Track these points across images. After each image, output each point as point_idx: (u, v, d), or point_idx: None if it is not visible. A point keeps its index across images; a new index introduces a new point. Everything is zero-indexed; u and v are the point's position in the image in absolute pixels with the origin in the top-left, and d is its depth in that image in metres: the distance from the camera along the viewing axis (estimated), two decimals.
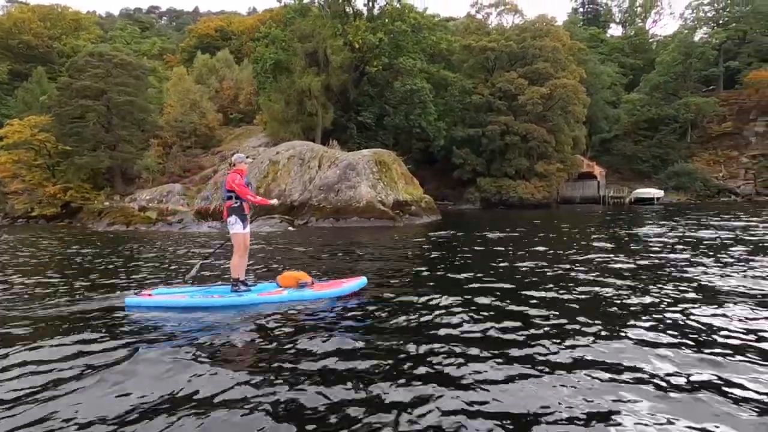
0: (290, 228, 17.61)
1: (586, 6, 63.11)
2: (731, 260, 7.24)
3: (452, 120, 34.44)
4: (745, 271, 6.26)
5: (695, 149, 45.51)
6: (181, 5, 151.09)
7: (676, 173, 41.80)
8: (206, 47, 54.26)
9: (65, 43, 45.01)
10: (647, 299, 4.82)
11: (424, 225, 18.63)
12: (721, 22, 51.75)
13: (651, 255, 8.13)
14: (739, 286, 5.36)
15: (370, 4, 32.21)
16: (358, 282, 5.38)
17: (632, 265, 6.98)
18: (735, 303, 4.56)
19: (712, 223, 15.17)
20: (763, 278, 5.72)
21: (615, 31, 63.35)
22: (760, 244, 9.19)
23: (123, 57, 31.52)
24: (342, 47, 28.68)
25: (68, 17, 51.35)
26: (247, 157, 5.53)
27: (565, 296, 5.03)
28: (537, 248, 9.62)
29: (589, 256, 8.08)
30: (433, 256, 9.16)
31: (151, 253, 10.74)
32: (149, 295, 5.02)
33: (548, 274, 6.53)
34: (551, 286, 5.54)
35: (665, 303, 4.63)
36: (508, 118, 32.97)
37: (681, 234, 11.82)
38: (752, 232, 11.57)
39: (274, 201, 5.78)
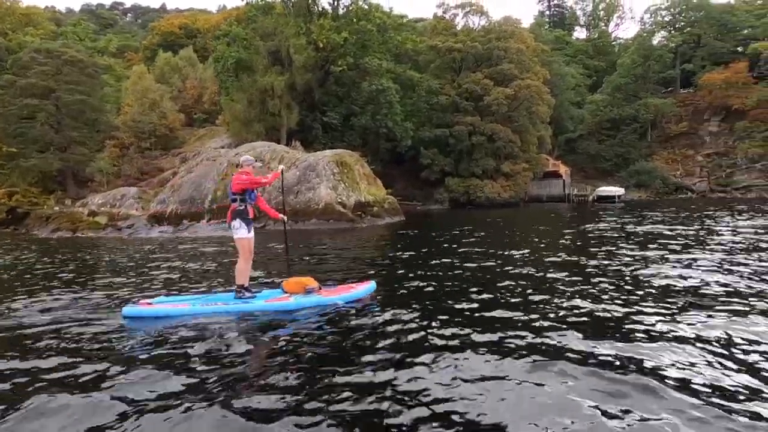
0: None
1: (552, 9, 64.60)
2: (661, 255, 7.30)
3: (419, 120, 34.38)
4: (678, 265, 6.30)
5: (655, 148, 47.18)
6: (147, 1, 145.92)
7: (637, 171, 43.18)
8: (170, 45, 52.45)
9: (11, 38, 42.48)
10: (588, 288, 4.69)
11: (386, 226, 18.39)
12: (677, 26, 53.95)
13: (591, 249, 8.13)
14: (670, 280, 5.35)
15: (335, 3, 31.78)
16: (368, 287, 5.20)
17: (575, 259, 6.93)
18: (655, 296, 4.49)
19: (661, 217, 15.57)
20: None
21: (580, 33, 65.07)
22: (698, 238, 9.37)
23: (73, 54, 29.93)
24: (305, 46, 28.13)
25: (18, 12, 48.56)
26: (256, 161, 5.34)
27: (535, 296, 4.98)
28: (484, 248, 9.50)
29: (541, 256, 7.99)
30: (386, 259, 8.88)
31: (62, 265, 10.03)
32: (149, 303, 4.85)
33: (500, 272, 6.38)
34: (507, 284, 5.36)
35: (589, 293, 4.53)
36: (474, 119, 33.18)
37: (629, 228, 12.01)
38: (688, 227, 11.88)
39: (281, 166, 5.67)
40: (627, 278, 5.89)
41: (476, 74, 34.11)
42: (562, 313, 4.34)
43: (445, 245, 10.57)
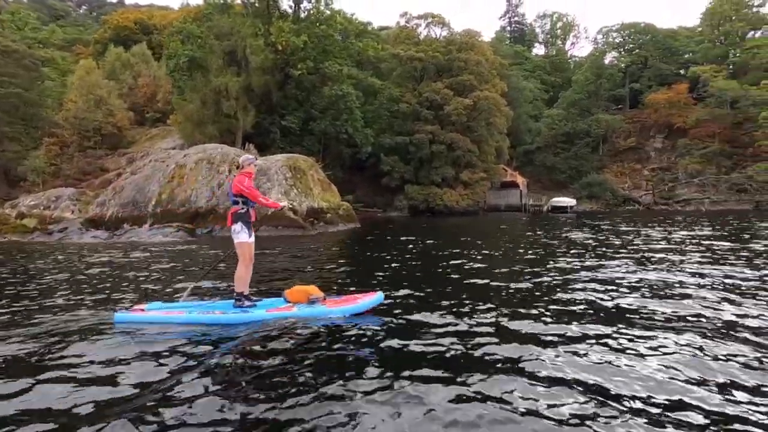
0: (190, 237, 16.12)
1: (513, 25, 66.94)
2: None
3: (380, 127, 34.39)
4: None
5: (606, 162, 49.59)
6: None
7: (589, 183, 45.14)
8: (123, 41, 49.89)
9: None
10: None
11: (338, 233, 18.03)
12: (627, 48, 57.31)
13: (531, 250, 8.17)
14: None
15: (296, 6, 31.33)
16: (375, 297, 4.88)
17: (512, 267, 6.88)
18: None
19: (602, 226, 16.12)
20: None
21: (539, 50, 67.87)
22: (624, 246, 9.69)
23: (8, 44, 27.77)
24: (263, 48, 27.47)
25: None
26: (256, 159, 5.07)
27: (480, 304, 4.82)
28: (432, 255, 9.37)
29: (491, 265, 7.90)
30: (323, 267, 8.50)
31: None
32: (142, 310, 4.59)
33: (445, 276, 6.18)
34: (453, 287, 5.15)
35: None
36: (434, 127, 33.55)
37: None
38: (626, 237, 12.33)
39: (285, 203, 5.24)
40: (558, 288, 6.03)
41: (437, 84, 34.58)
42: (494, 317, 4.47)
43: (392, 253, 10.36)
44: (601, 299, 5.24)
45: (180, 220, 18.42)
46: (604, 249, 10.44)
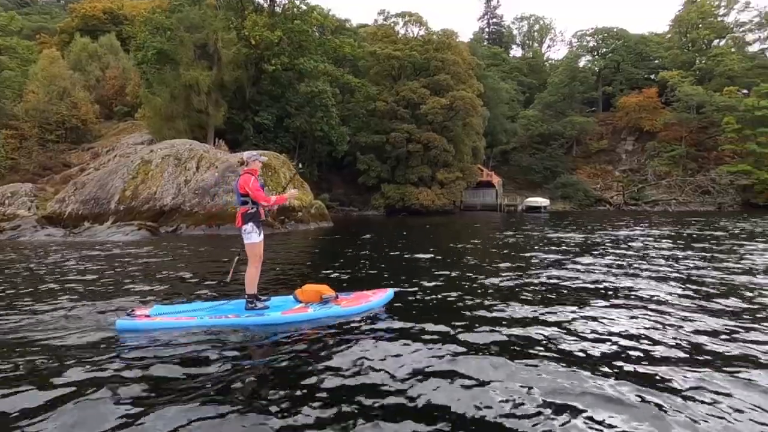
0: (152, 236, 15.53)
1: (491, 27, 67.62)
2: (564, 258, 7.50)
3: (357, 125, 34.12)
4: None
5: (579, 163, 50.72)
6: None
7: (563, 184, 46.04)
8: (91, 30, 47.93)
9: None
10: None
11: (310, 232, 17.75)
12: (600, 52, 58.66)
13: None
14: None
15: (270, 0, 30.69)
16: (386, 295, 4.90)
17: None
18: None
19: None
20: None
21: (516, 52, 68.83)
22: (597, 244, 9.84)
23: None
24: (236, 41, 26.83)
25: None
26: (261, 155, 4.88)
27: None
28: (405, 252, 9.24)
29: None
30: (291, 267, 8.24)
31: None
32: (147, 315, 4.26)
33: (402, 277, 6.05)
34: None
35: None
36: (411, 127, 33.50)
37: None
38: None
39: (293, 191, 5.09)
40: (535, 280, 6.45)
41: (414, 83, 34.56)
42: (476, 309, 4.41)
43: (362, 252, 10.20)
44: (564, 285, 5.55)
45: (144, 219, 17.77)
46: (572, 247, 10.57)
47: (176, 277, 7.24)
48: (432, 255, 9.78)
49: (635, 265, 7.89)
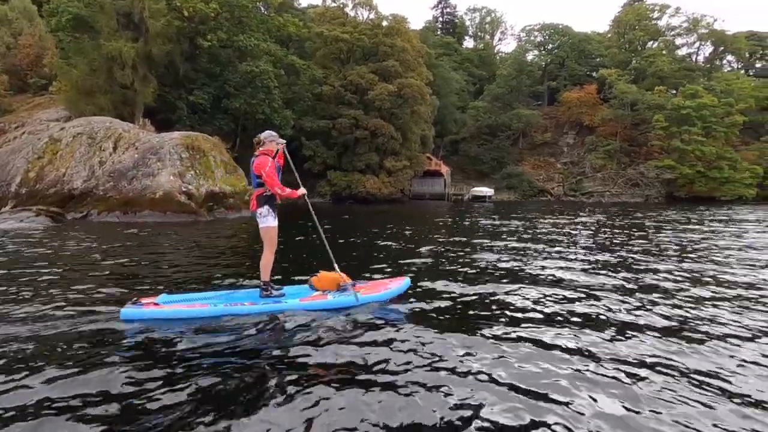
0: (53, 224, 13.88)
1: (445, 16, 67.67)
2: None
3: (302, 109, 32.86)
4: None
5: (524, 154, 52.40)
6: None
7: (508, 174, 47.41)
8: None
9: None
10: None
11: (240, 220, 16.73)
12: (547, 47, 60.57)
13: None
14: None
15: None
16: (404, 282, 4.83)
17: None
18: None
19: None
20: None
21: (469, 43, 69.40)
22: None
23: None
24: (165, 12, 24.62)
25: None
26: (280, 137, 4.59)
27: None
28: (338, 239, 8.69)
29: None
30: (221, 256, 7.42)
31: None
32: (155, 303, 4.04)
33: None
34: None
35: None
36: (358, 112, 32.77)
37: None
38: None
39: (302, 190, 4.62)
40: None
41: (362, 68, 33.73)
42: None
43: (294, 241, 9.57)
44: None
45: (49, 203, 15.93)
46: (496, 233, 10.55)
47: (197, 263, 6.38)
48: (363, 241, 9.35)
49: (547, 250, 8.48)
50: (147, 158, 16.96)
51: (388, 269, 6.54)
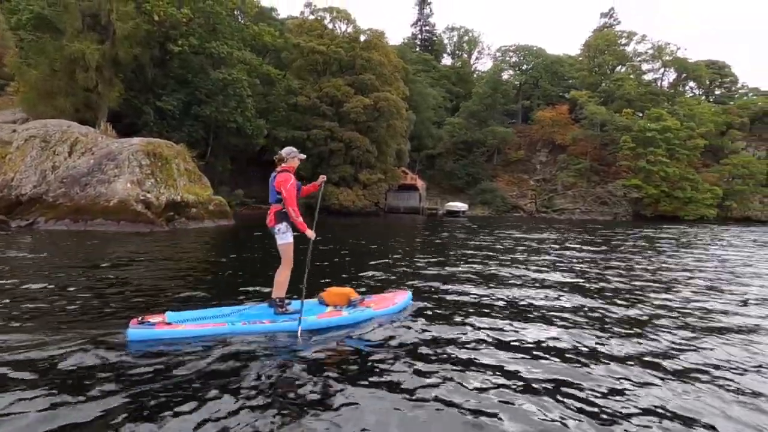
0: None
1: (424, 33, 68.94)
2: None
3: (276, 119, 32.42)
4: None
5: (498, 171, 53.29)
6: None
7: (483, 190, 47.98)
8: None
9: None
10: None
11: (201, 231, 16.04)
12: (522, 68, 62.38)
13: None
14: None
15: None
16: (408, 297, 5.09)
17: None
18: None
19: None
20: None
21: (447, 60, 70.77)
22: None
23: None
24: (133, 15, 23.94)
25: None
26: (300, 152, 4.68)
27: None
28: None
29: None
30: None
31: None
32: (166, 323, 3.75)
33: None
34: None
35: None
36: (333, 124, 32.57)
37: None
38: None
39: (311, 234, 4.40)
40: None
41: (338, 80, 33.66)
42: None
43: (254, 255, 9.05)
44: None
45: None
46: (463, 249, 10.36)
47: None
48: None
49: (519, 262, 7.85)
50: (103, 164, 16.14)
51: (378, 284, 6.49)
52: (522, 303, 5.53)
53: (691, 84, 59.00)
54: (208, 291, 5.78)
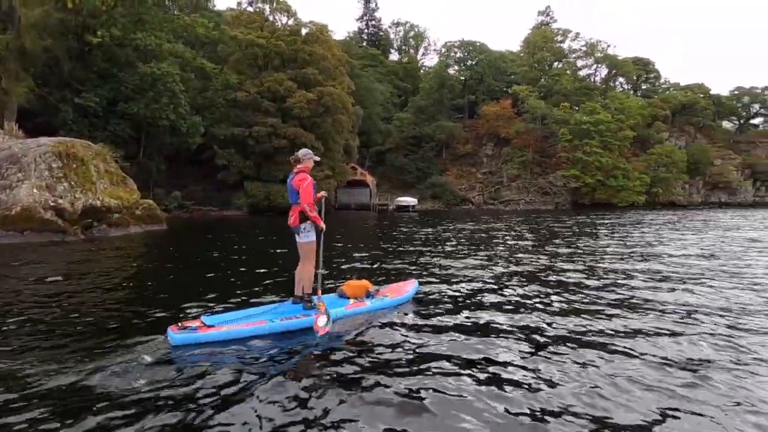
0: None
1: (370, 29, 68.53)
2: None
3: (215, 117, 30.78)
4: None
5: (448, 165, 54.22)
6: None
7: (433, 184, 48.58)
8: None
9: None
10: None
11: (124, 239, 14.70)
12: (467, 63, 63.69)
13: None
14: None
15: None
16: (415, 284, 5.58)
17: None
18: None
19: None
20: None
21: (394, 56, 70.80)
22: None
23: None
24: (43, 1, 21.64)
25: None
26: (315, 153, 4.75)
27: None
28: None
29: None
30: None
31: None
32: (207, 326, 3.85)
33: None
34: None
35: None
36: (275, 120, 31.42)
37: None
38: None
39: (324, 226, 4.45)
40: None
41: (280, 74, 32.50)
42: None
43: (183, 264, 8.20)
44: None
45: None
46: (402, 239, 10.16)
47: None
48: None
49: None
50: (4, 168, 14.35)
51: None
52: (467, 292, 5.81)
53: (621, 79, 63.14)
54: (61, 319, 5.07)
